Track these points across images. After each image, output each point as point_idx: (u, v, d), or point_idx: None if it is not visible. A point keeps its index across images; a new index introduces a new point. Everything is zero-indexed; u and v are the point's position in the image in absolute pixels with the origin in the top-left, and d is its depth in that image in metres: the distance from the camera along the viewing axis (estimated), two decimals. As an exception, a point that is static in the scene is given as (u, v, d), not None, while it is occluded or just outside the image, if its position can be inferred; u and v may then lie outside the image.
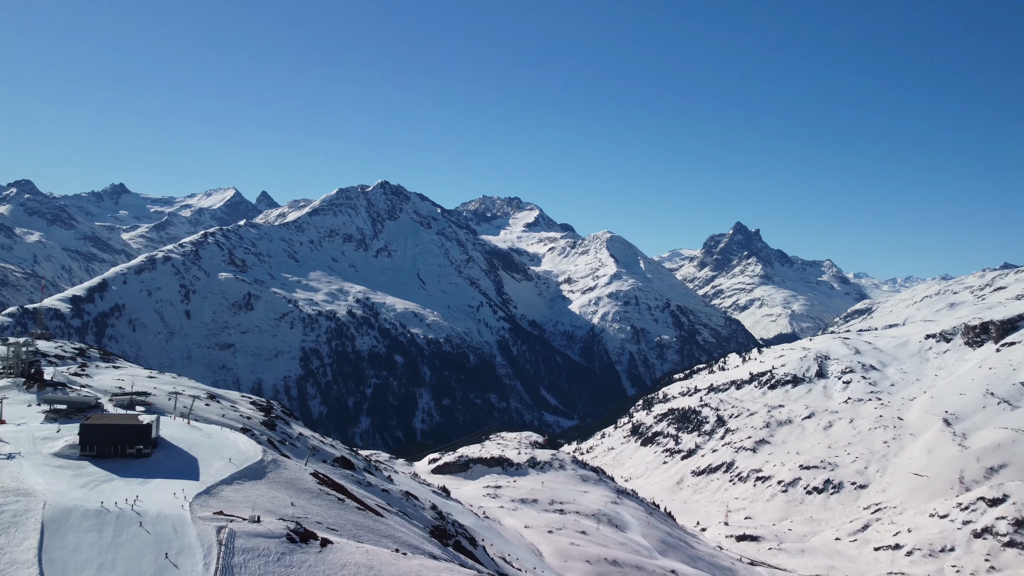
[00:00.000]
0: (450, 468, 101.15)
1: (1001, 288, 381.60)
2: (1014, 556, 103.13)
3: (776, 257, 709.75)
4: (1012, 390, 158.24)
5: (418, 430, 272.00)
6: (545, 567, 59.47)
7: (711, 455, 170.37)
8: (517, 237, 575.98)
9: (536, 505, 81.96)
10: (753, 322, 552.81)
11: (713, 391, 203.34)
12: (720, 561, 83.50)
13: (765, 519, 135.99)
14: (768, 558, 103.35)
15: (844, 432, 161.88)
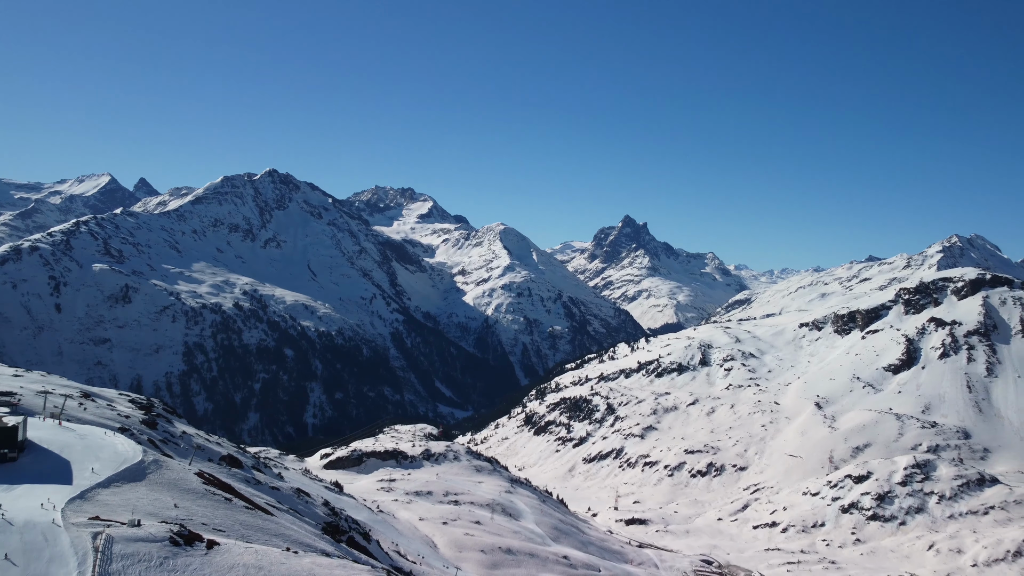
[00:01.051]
0: (343, 463, 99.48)
1: (866, 279, 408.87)
2: (876, 528, 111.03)
3: (663, 250, 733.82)
4: (876, 374, 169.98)
5: (309, 425, 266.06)
6: (440, 558, 59.53)
7: (601, 442, 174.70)
8: (411, 228, 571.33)
9: (431, 497, 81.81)
10: (641, 312, 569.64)
11: (603, 380, 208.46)
12: (610, 545, 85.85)
13: (653, 503, 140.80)
14: (655, 540, 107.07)
15: (726, 417, 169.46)
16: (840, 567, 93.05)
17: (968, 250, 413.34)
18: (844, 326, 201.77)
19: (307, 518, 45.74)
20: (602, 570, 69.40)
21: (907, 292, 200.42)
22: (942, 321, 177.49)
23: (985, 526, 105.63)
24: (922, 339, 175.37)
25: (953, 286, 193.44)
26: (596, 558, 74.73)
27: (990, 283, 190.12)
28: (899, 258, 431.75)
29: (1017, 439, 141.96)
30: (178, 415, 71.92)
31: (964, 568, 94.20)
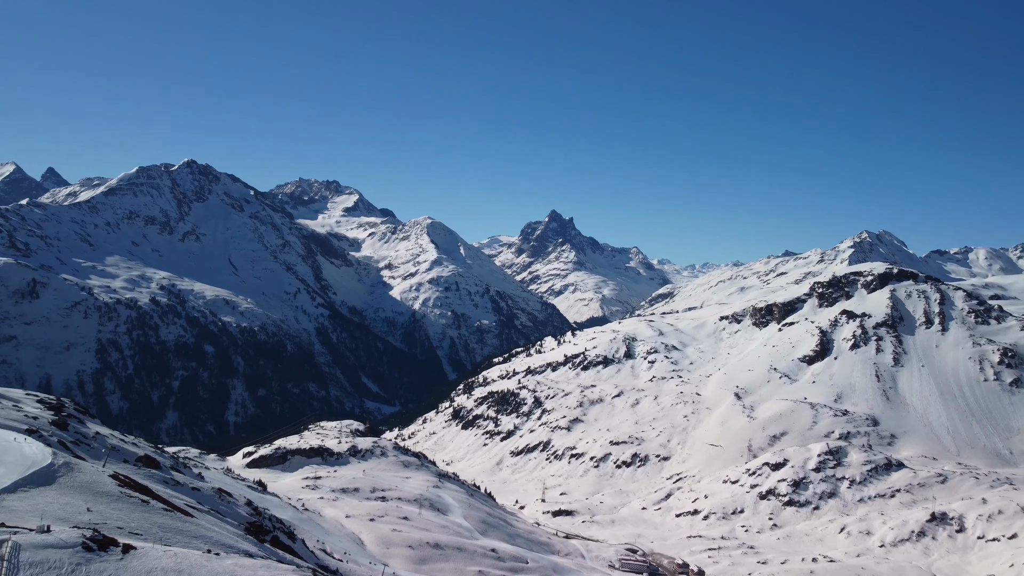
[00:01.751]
0: (267, 461, 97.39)
1: (783, 274, 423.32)
2: (792, 513, 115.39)
3: (588, 244, 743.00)
4: (791, 365, 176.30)
5: (231, 423, 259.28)
6: (367, 555, 59.01)
7: (529, 435, 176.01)
8: (336, 222, 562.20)
9: (358, 494, 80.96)
10: (567, 306, 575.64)
11: (531, 373, 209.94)
12: (538, 537, 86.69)
13: (579, 494, 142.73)
14: (582, 530, 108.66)
15: (650, 409, 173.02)
16: (758, 551, 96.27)
17: (877, 246, 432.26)
18: (762, 319, 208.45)
19: (229, 518, 44.67)
20: (529, 562, 70.03)
21: (821, 286, 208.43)
22: (853, 314, 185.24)
23: (892, 508, 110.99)
24: (835, 331, 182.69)
25: (863, 280, 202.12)
26: (524, 550, 75.36)
27: (897, 277, 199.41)
28: (813, 253, 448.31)
29: (921, 425, 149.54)
30: (91, 415, 69.08)
31: (872, 549, 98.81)
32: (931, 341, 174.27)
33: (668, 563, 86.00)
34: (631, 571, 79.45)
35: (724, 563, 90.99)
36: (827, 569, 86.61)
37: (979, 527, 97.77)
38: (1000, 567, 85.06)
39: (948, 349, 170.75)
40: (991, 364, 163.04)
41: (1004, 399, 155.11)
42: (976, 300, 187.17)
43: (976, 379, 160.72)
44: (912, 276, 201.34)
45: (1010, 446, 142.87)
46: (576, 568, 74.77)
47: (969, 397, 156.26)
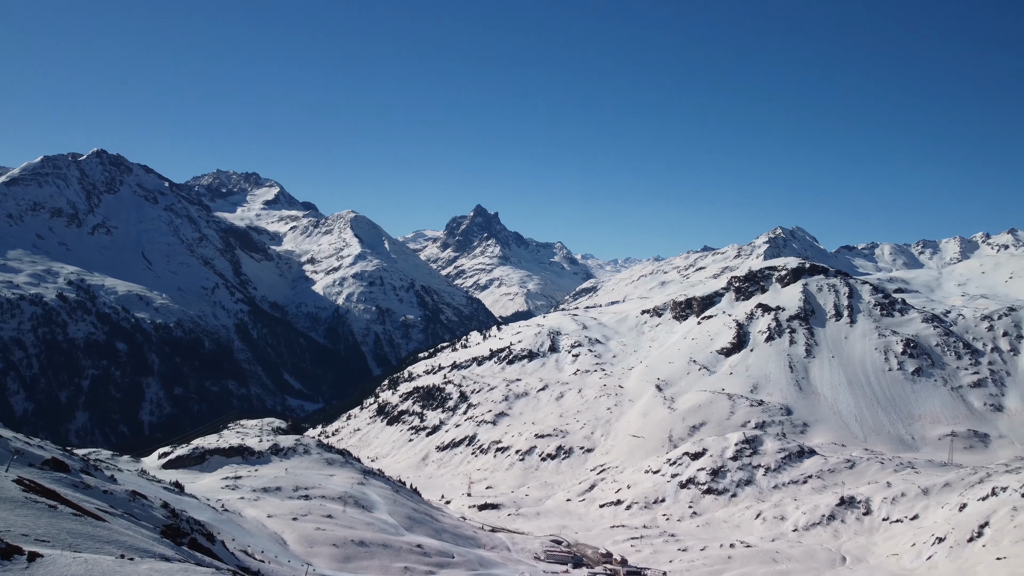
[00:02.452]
0: (184, 461, 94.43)
1: (702, 268, 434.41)
2: (711, 501, 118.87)
3: (513, 239, 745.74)
4: (710, 357, 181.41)
5: (146, 423, 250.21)
6: (290, 555, 58.00)
7: (455, 430, 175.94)
8: (256, 215, 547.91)
9: (280, 493, 79.40)
10: (493, 301, 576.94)
11: (456, 368, 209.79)
12: (464, 531, 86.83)
13: (505, 487, 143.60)
14: (508, 523, 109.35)
15: (574, 401, 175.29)
16: (679, 539, 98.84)
17: (790, 241, 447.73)
18: (682, 312, 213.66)
19: (144, 522, 43.20)
20: (456, 556, 70.12)
21: (737, 280, 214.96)
22: (768, 307, 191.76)
23: (804, 494, 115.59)
24: (751, 324, 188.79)
25: (777, 274, 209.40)
26: (450, 544, 75.39)
27: (809, 272, 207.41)
28: (731, 248, 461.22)
29: (831, 413, 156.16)
30: (-8, 417, 65.68)
31: (786, 533, 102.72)
32: (840, 333, 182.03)
33: (592, 553, 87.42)
34: (556, 562, 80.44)
35: (646, 551, 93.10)
36: (743, 554, 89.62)
37: (884, 509, 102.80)
38: (903, 547, 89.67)
39: (856, 340, 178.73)
40: (895, 354, 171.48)
41: (907, 387, 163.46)
42: (882, 294, 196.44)
43: (881, 369, 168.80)
44: (823, 271, 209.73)
45: (912, 432, 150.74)
46: (502, 561, 75.26)
47: (875, 386, 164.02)
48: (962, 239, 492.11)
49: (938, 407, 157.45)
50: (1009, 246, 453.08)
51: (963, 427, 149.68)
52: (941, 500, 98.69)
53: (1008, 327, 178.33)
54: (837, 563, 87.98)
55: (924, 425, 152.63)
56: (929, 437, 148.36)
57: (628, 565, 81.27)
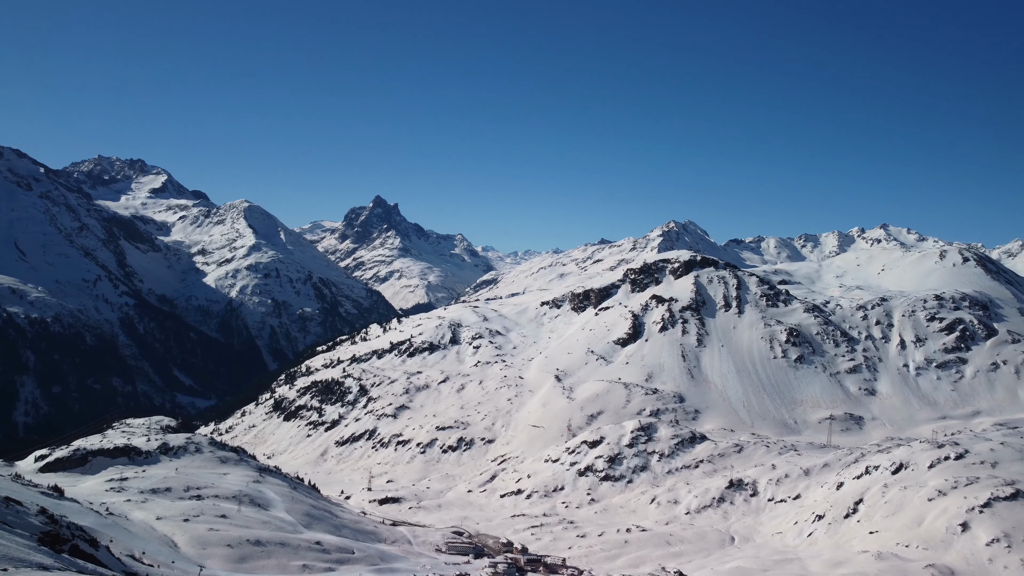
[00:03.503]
0: (64, 464, 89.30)
1: (599, 261, 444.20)
2: (608, 488, 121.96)
3: (413, 231, 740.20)
4: (607, 348, 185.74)
5: (21, 424, 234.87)
6: (181, 558, 55.95)
7: (354, 424, 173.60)
8: (142, 204, 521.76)
9: (170, 494, 76.32)
10: (393, 293, 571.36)
11: (356, 361, 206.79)
12: (364, 526, 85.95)
13: (406, 480, 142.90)
14: (409, 516, 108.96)
15: (475, 393, 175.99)
16: (577, 526, 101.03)
17: (683, 234, 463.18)
18: (580, 304, 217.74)
19: (19, 530, 40.77)
20: (356, 552, 69.38)
21: (633, 272, 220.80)
22: (662, 298, 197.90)
23: (696, 478, 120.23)
24: (646, 315, 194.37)
25: (671, 267, 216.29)
26: (350, 540, 74.51)
27: (700, 264, 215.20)
28: (627, 241, 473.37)
29: (721, 400, 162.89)
30: None
31: (679, 516, 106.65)
32: (729, 323, 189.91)
33: (493, 543, 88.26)
34: (457, 553, 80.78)
35: (546, 539, 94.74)
36: (639, 538, 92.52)
37: (769, 490, 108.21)
38: (786, 525, 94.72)
39: (744, 330, 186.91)
40: (779, 343, 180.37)
41: (790, 374, 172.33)
42: (767, 285, 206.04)
43: (767, 357, 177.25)
44: (713, 263, 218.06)
45: (795, 416, 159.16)
46: (403, 554, 74.96)
47: (761, 373, 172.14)
48: (840, 233, 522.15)
49: (818, 392, 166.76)
50: (881, 240, 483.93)
51: (840, 411, 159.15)
52: (821, 480, 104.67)
53: (880, 316, 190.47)
54: (726, 543, 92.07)
55: (806, 409, 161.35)
56: (810, 421, 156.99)
57: (528, 553, 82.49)
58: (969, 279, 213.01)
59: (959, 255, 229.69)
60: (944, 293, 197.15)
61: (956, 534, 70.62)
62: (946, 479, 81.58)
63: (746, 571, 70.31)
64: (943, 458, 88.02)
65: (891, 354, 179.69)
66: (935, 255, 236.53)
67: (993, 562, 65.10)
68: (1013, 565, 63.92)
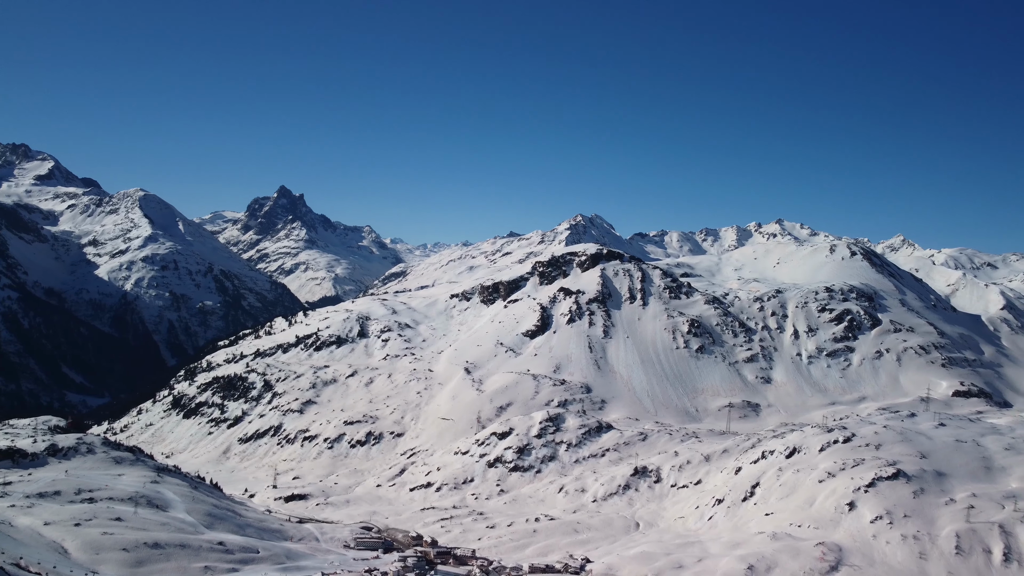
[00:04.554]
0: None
1: (508, 253, 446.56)
2: (517, 478, 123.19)
3: (320, 222, 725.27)
4: (516, 340, 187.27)
5: None
6: (72, 564, 53.36)
7: (259, 420, 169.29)
8: (26, 191, 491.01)
9: (59, 497, 72.53)
10: (299, 286, 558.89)
11: (260, 356, 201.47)
12: (269, 524, 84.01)
13: (313, 476, 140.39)
14: (316, 513, 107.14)
15: (384, 387, 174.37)
16: (487, 517, 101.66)
17: (590, 228, 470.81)
18: (489, 297, 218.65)
19: None
20: (260, 551, 67.81)
21: (541, 265, 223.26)
22: (569, 291, 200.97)
23: (603, 466, 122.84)
24: (554, 307, 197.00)
25: (578, 260, 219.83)
26: (254, 539, 72.74)
27: (606, 257, 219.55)
28: (535, 234, 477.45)
29: (626, 390, 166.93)
30: None
31: (587, 504, 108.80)
32: (634, 315, 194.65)
33: (403, 537, 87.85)
34: (366, 548, 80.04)
35: (456, 531, 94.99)
36: (547, 527, 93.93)
37: (672, 476, 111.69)
38: (688, 510, 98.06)
39: (648, 321, 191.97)
40: (682, 334, 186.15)
41: (692, 364, 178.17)
42: (670, 278, 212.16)
43: (670, 347, 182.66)
44: (619, 256, 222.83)
45: (696, 404, 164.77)
46: (310, 552, 73.74)
47: (665, 363, 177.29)
48: (738, 228, 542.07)
49: (718, 381, 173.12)
50: (777, 234, 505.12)
51: (739, 398, 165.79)
52: (720, 465, 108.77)
53: (776, 308, 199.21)
54: (632, 529, 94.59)
55: (706, 398, 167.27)
56: (711, 408, 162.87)
57: (438, 546, 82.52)
58: (856, 272, 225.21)
59: (847, 249, 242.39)
60: (834, 285, 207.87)
61: (844, 513, 74.78)
62: (835, 462, 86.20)
63: (650, 555, 72.45)
64: (832, 442, 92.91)
65: (785, 344, 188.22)
66: (826, 249, 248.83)
67: (877, 538, 69.29)
68: (894, 540, 68.23)
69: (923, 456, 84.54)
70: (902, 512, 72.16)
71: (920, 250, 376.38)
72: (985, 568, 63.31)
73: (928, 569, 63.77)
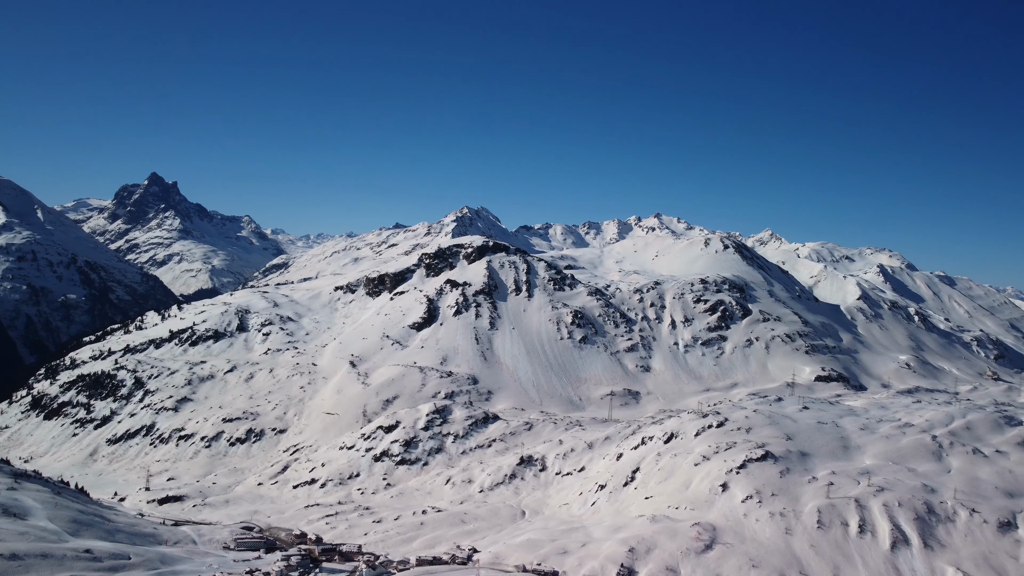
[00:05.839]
0: None
1: (394, 245, 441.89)
2: (404, 471, 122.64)
3: (195, 211, 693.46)
4: (402, 332, 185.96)
5: None
6: (-83, 582, 49.21)
7: (129, 420, 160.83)
8: None
9: (-100, 510, 66.55)
10: (173, 278, 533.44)
11: (130, 352, 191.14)
12: (142, 528, 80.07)
13: (189, 477, 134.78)
14: (193, 515, 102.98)
15: (265, 382, 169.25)
16: (373, 512, 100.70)
17: (476, 220, 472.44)
18: (375, 289, 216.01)
19: None
20: (132, 557, 64.61)
21: (428, 257, 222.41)
22: (456, 283, 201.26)
23: (489, 457, 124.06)
24: (440, 299, 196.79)
25: (464, 252, 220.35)
26: (125, 545, 69.21)
27: (492, 250, 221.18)
28: (421, 226, 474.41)
29: (512, 381, 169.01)
30: None
31: (473, 495, 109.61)
32: (520, 306, 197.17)
33: (286, 535, 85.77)
34: (247, 549, 77.67)
35: (341, 527, 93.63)
36: (434, 519, 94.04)
37: (557, 465, 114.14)
38: (572, 496, 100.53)
39: (533, 313, 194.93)
40: (566, 325, 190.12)
41: (575, 354, 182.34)
42: (555, 270, 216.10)
43: (554, 338, 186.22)
44: (505, 249, 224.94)
45: (579, 394, 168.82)
46: (187, 555, 70.88)
47: (549, 354, 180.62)
48: (619, 221, 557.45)
49: (600, 370, 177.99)
50: (655, 228, 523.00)
51: (620, 387, 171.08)
52: (603, 452, 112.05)
53: (654, 299, 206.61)
54: (518, 517, 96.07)
55: (589, 387, 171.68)
56: (593, 397, 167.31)
57: (323, 543, 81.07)
58: (729, 264, 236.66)
59: (721, 243, 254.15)
60: (708, 277, 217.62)
61: (718, 494, 78.68)
62: (709, 445, 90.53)
63: (536, 542, 73.87)
64: (707, 427, 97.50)
65: (663, 333, 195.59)
66: (700, 243, 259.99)
67: (747, 516, 73.33)
68: (763, 518, 72.43)
69: (789, 438, 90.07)
70: (770, 491, 76.64)
71: (786, 244, 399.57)
72: (843, 540, 68.21)
73: (793, 543, 68.08)
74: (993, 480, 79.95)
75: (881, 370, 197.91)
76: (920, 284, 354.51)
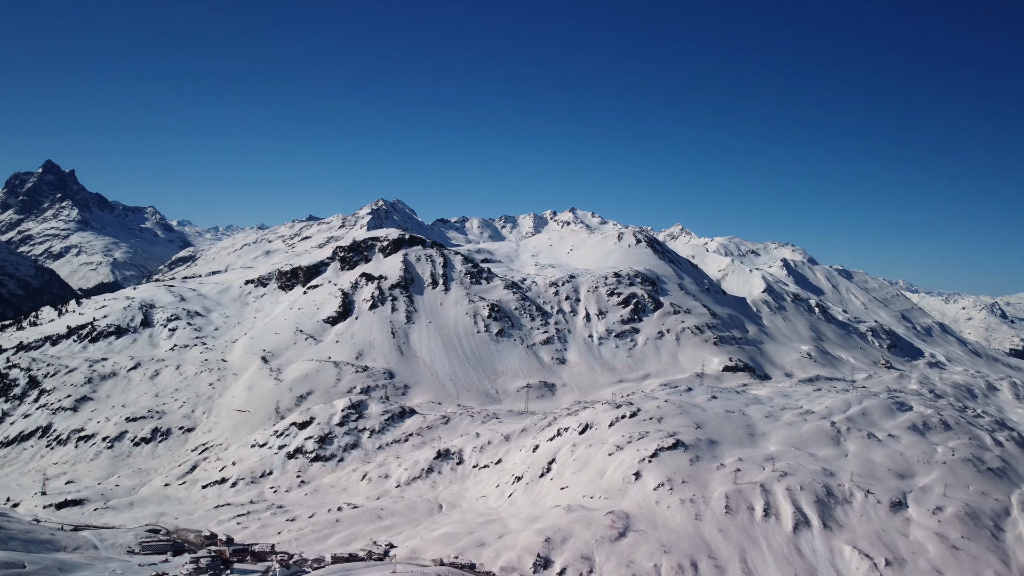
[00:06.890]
0: None
1: (307, 238, 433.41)
2: (319, 468, 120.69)
3: (95, 201, 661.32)
4: (316, 327, 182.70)
5: None
6: None
7: (23, 421, 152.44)
8: None
9: None
10: (71, 271, 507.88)
11: (23, 349, 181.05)
12: (38, 535, 76.19)
13: (90, 479, 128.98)
14: (95, 519, 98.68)
15: (172, 379, 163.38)
16: (287, 510, 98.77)
17: (392, 213, 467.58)
18: (288, 282, 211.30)
19: None
20: (28, 565, 61.46)
21: (343, 250, 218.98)
22: (372, 276, 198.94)
23: (406, 451, 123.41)
24: (356, 292, 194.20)
25: (380, 245, 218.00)
26: (19, 553, 65.75)
27: (408, 243, 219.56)
28: (336, 218, 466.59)
29: (428, 374, 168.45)
30: None
31: (390, 490, 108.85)
32: (437, 300, 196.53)
33: (195, 537, 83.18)
34: (153, 552, 74.98)
35: (254, 527, 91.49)
36: (350, 515, 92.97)
37: (474, 458, 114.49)
38: (489, 489, 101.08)
39: (450, 306, 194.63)
40: (483, 318, 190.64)
41: (492, 347, 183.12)
42: (471, 263, 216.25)
43: (471, 331, 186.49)
44: (421, 242, 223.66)
45: (496, 387, 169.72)
46: (88, 561, 67.91)
47: (467, 347, 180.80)
48: (535, 216, 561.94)
49: (517, 363, 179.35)
50: (571, 222, 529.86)
51: (536, 379, 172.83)
52: (520, 444, 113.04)
53: (569, 292, 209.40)
54: (435, 511, 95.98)
55: (506, 380, 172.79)
56: (510, 390, 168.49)
57: (235, 543, 79.03)
58: (641, 258, 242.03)
59: (633, 237, 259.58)
60: (621, 271, 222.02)
61: (631, 482, 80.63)
62: (623, 435, 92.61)
63: (453, 536, 74.03)
64: (620, 417, 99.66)
65: (578, 326, 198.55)
66: (614, 237, 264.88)
67: (659, 503, 75.45)
68: (674, 504, 74.67)
69: (698, 426, 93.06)
70: (680, 478, 79.05)
71: (696, 238, 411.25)
72: (749, 524, 71.04)
73: (702, 528, 70.47)
74: (886, 463, 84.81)
75: (784, 360, 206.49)
76: (820, 277, 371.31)
